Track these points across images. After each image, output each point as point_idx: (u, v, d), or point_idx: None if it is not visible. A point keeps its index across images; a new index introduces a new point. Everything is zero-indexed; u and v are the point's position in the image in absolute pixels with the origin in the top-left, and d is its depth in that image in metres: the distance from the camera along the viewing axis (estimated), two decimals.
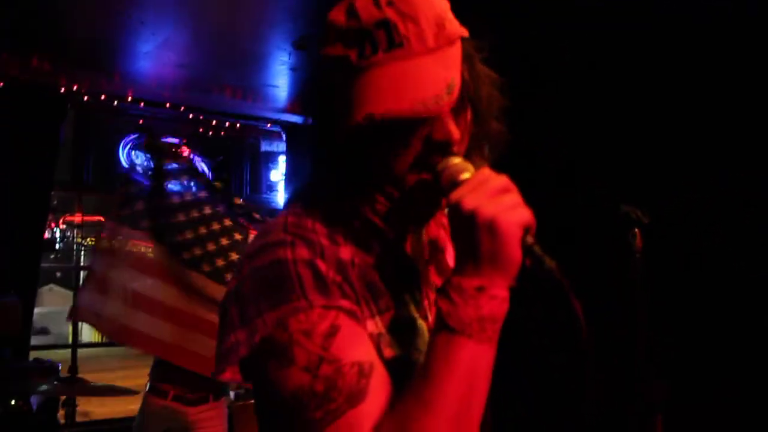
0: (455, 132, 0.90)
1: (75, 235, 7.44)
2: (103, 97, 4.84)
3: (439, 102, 0.84)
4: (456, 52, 0.91)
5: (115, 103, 4.98)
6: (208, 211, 3.16)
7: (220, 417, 3.12)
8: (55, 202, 6.55)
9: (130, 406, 4.07)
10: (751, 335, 2.62)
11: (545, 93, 3.38)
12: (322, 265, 0.87)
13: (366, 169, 0.93)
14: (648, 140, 2.96)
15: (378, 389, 0.83)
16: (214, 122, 5.72)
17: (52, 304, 11.77)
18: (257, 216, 3.34)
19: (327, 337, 0.82)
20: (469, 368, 0.80)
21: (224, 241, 3.12)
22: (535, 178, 3.33)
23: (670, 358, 2.62)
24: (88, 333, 11.00)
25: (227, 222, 3.18)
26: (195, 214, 3.12)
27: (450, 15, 0.93)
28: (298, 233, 0.90)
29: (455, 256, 0.84)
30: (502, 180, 0.84)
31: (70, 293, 9.33)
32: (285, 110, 5.55)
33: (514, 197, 0.83)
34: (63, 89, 4.56)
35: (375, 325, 0.91)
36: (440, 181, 0.88)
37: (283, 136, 6.12)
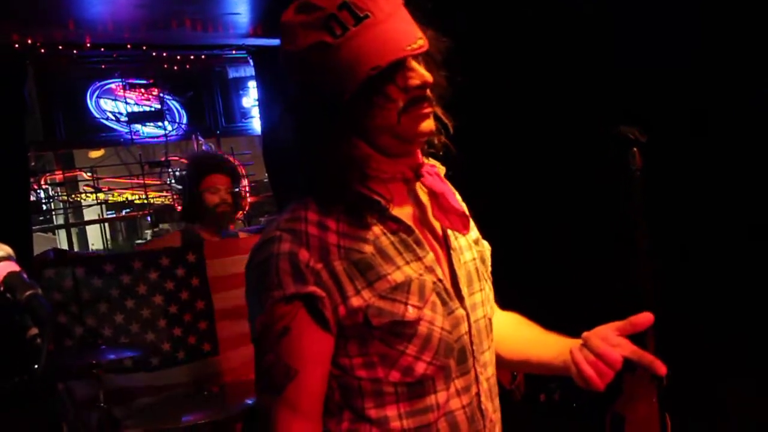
0: (427, 75, 1.05)
1: (60, 192, 7.33)
2: (60, 47, 4.65)
3: (420, 44, 1.02)
4: (406, 13, 1.06)
5: (75, 52, 4.79)
6: (115, 293, 2.93)
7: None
8: (33, 164, 6.41)
9: None
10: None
11: (538, 22, 3.29)
12: (303, 255, 1.03)
13: (356, 137, 1.06)
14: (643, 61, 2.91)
15: (295, 392, 1.04)
16: (178, 57, 5.55)
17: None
18: None
19: (279, 337, 1.03)
20: None
21: (146, 313, 2.96)
22: (531, 105, 3.32)
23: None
24: None
25: (141, 288, 2.96)
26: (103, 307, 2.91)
27: None
28: (287, 227, 1.06)
29: None
30: None
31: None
32: (249, 35, 5.37)
33: None
34: (17, 45, 4.37)
35: (360, 299, 1.04)
36: None
37: (251, 61, 5.95)
